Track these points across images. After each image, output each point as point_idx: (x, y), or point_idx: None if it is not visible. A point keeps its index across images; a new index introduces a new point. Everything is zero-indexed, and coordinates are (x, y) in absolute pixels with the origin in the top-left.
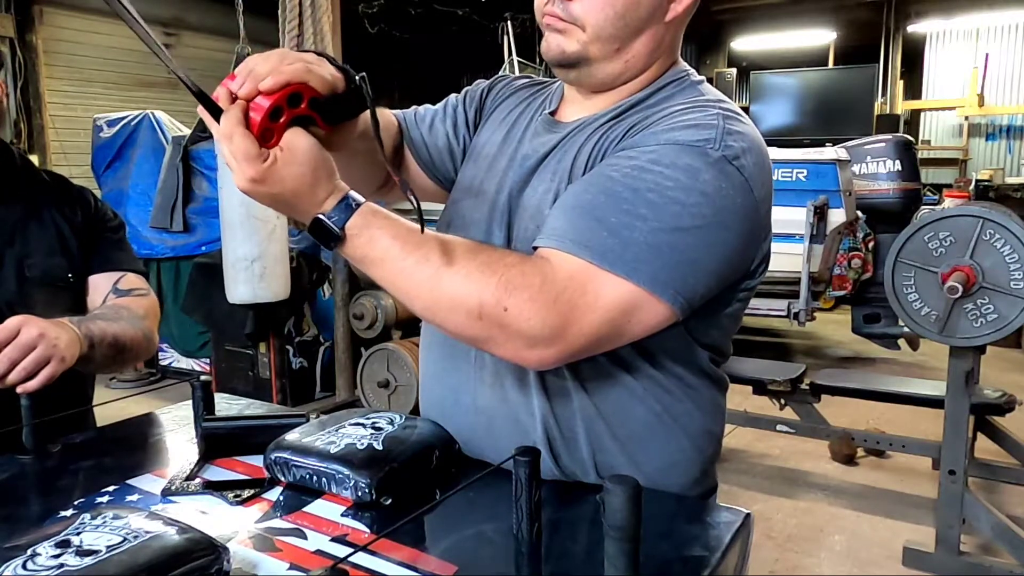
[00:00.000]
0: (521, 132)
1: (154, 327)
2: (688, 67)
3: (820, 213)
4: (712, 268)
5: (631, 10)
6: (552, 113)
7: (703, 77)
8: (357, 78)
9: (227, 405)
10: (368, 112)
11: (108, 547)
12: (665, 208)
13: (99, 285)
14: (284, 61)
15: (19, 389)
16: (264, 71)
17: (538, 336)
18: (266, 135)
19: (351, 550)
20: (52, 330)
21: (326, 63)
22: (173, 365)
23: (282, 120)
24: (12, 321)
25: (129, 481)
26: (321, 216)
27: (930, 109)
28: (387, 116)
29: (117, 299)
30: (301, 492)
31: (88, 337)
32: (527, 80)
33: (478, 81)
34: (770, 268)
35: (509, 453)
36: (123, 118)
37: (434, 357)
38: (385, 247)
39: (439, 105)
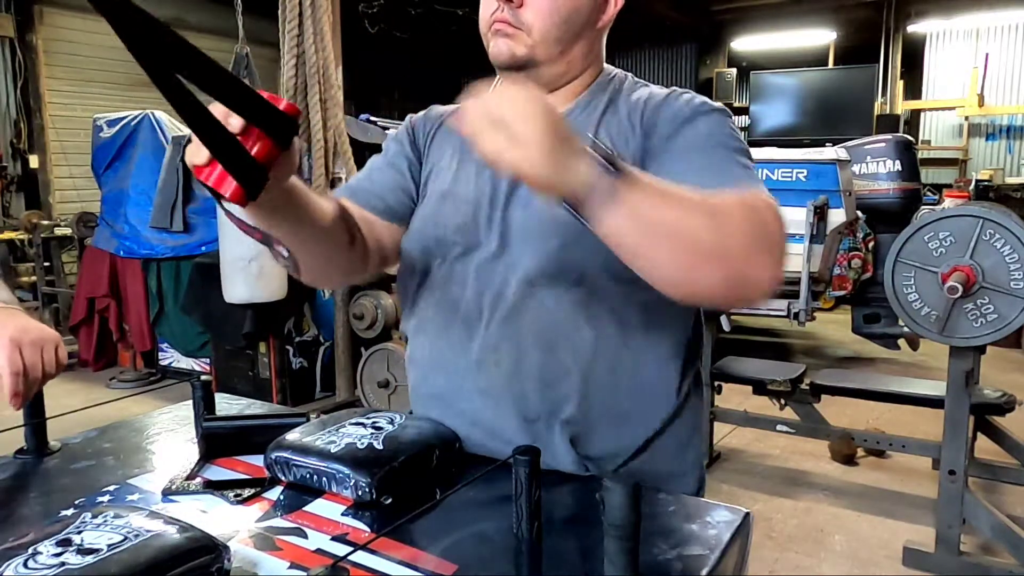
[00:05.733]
0: None
1: None
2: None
3: (820, 213)
4: None
5: (573, 15)
6: None
7: None
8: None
9: (227, 405)
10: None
11: (109, 546)
12: (744, 152)
13: None
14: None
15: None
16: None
17: (779, 242)
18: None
19: (351, 549)
20: (31, 328)
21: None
22: (173, 365)
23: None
24: (8, 351)
25: (130, 481)
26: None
27: (930, 109)
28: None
29: None
30: (301, 491)
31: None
32: (444, 110)
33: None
34: None
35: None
36: (123, 118)
37: (430, 337)
38: (663, 184)
39: (371, 161)
